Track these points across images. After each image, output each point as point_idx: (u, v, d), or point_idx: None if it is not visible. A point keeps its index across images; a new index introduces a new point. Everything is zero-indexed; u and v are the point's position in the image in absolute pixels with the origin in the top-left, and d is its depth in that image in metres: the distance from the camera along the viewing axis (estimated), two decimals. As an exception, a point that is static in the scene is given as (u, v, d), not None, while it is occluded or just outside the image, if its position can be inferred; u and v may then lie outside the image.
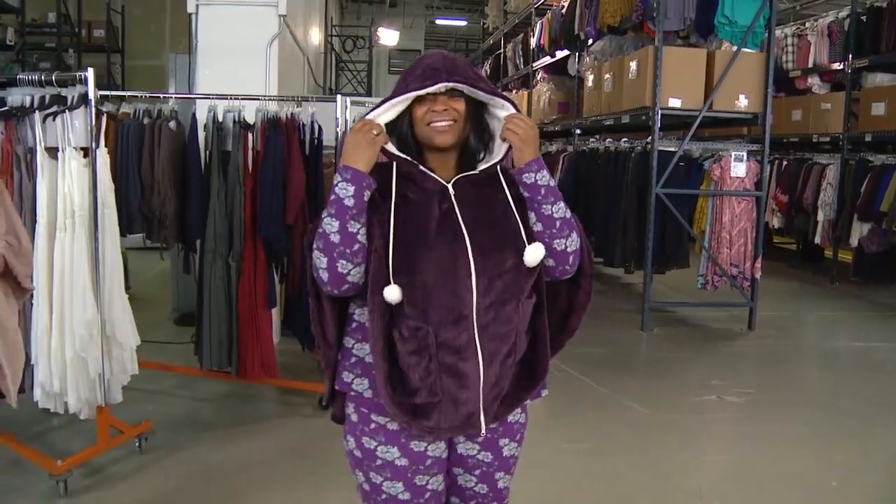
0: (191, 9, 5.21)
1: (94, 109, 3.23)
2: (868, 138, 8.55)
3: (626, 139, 7.71)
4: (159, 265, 7.20)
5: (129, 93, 4.59)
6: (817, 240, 9.16)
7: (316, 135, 4.37)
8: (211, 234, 4.20)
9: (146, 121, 4.35)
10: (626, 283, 8.56)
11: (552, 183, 1.86)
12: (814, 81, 9.74)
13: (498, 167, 1.89)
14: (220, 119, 4.25)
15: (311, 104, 4.57)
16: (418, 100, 1.81)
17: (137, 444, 3.70)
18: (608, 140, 8.12)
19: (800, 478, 3.77)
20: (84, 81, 3.23)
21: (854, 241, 8.34)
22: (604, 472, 3.77)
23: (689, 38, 7.05)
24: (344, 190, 1.75)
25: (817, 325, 7.37)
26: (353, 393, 1.90)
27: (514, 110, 1.84)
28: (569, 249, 1.89)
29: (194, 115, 4.39)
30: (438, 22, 21.18)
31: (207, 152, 4.27)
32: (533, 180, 1.84)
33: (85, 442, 3.62)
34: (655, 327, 6.57)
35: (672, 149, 6.57)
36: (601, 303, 7.82)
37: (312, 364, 4.85)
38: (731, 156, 6.52)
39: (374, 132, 1.77)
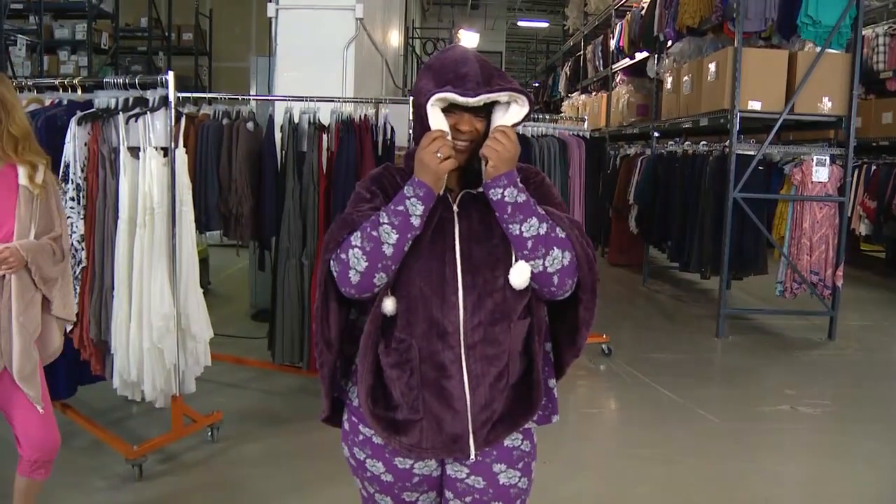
0: (270, 13, 5.37)
1: (173, 111, 3.36)
2: (964, 142, 8.19)
3: (704, 142, 7.56)
4: (239, 262, 7.43)
5: (210, 95, 4.76)
6: (907, 248, 8.82)
7: (388, 136, 4.44)
8: (285, 233, 4.33)
9: (225, 122, 4.50)
10: (703, 289, 8.41)
11: (521, 199, 1.69)
12: (906, 82, 9.36)
13: None
14: (296, 120, 4.38)
15: (384, 105, 4.65)
16: (445, 109, 1.69)
17: (209, 433, 3.85)
18: (686, 143, 7.98)
19: (870, 496, 3.66)
20: (165, 84, 3.38)
21: (946, 250, 8.01)
22: (667, 479, 3.73)
23: (770, 39, 6.88)
24: (414, 206, 1.66)
25: (904, 337, 7.10)
26: (348, 401, 1.86)
27: (527, 108, 1.72)
28: (549, 269, 1.71)
29: (271, 116, 4.53)
30: (520, 24, 21.12)
31: (283, 153, 4.40)
32: (499, 196, 1.68)
33: (161, 429, 3.78)
34: (731, 334, 6.44)
35: (751, 152, 6.42)
36: (676, 308, 7.71)
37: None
38: (812, 160, 6.34)
39: (441, 156, 1.65)
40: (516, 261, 1.72)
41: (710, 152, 7.14)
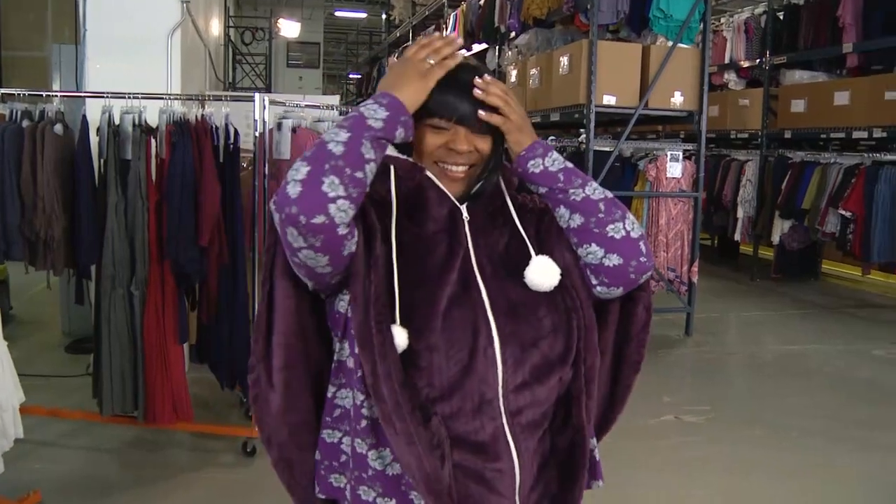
0: (78, -8, 4.54)
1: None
2: (788, 135, 8.51)
3: (553, 137, 7.35)
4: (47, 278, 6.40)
5: (3, 90, 3.89)
6: (737, 236, 9.11)
7: (232, 139, 3.78)
8: (108, 258, 3.58)
9: (25, 124, 3.68)
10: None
11: (569, 164, 1.39)
12: (730, 77, 9.69)
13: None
14: (117, 122, 3.64)
15: (224, 104, 3.98)
16: (432, 126, 1.33)
17: (24, 518, 3.07)
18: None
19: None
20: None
21: (776, 238, 8.30)
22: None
23: (618, 33, 6.74)
24: (372, 110, 1.25)
25: (750, 327, 7.18)
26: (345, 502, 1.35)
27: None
28: (633, 234, 1.36)
29: (85, 117, 3.76)
30: (337, 14, 20.63)
31: (102, 161, 3.65)
32: (541, 167, 1.37)
33: (-43, 520, 2.97)
34: (592, 336, 6.23)
35: (607, 148, 6.24)
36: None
37: (233, 399, 4.27)
38: (666, 156, 6.25)
39: (432, 60, 1.30)
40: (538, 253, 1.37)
41: (563, 148, 6.92)
